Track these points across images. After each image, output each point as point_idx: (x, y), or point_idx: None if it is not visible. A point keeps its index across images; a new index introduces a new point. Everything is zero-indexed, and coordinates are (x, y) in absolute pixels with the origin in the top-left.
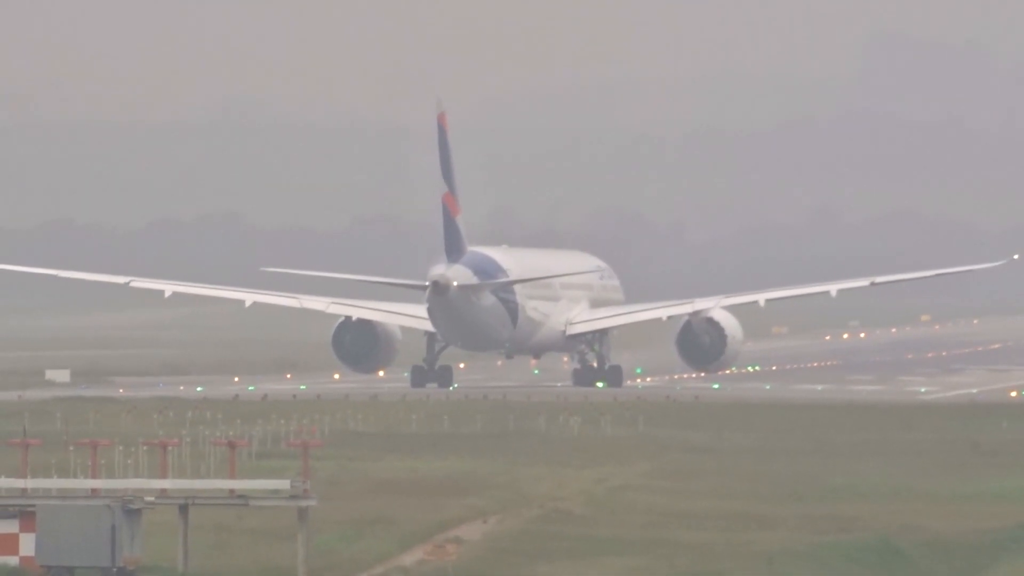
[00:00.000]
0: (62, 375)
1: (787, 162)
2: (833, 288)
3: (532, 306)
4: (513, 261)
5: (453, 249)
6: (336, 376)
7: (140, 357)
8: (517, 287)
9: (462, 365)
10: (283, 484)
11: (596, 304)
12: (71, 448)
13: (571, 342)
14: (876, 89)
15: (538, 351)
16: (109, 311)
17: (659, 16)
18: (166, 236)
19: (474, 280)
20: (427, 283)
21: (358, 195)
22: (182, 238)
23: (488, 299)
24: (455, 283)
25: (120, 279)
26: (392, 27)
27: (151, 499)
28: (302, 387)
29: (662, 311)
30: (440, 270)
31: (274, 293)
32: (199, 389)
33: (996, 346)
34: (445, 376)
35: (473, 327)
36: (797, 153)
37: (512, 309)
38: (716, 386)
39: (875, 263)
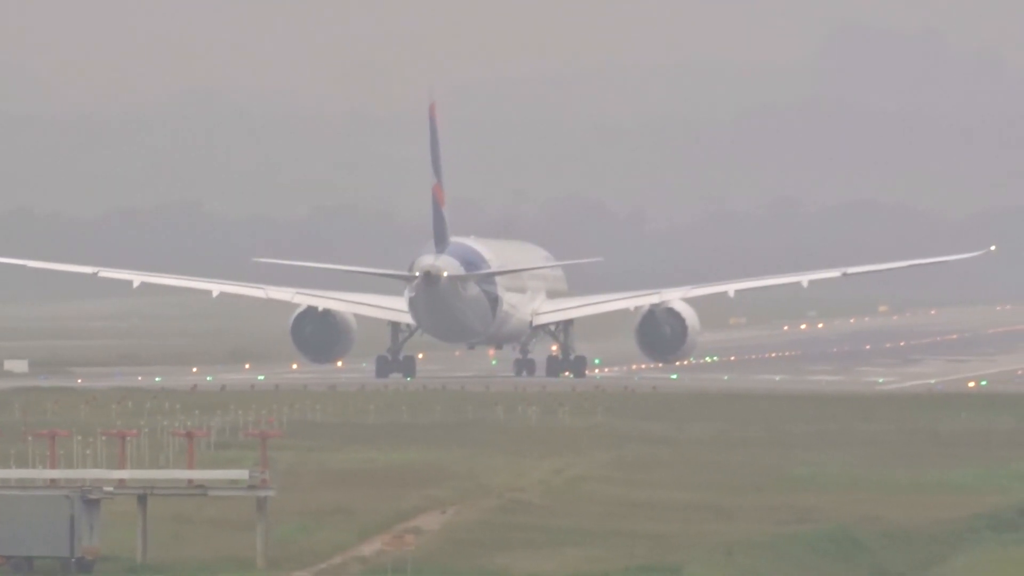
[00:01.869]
0: (20, 365)
1: (747, 151)
2: (805, 279)
3: (507, 297)
4: (492, 253)
5: (440, 239)
6: (294, 366)
7: (98, 348)
8: (497, 278)
9: (420, 355)
10: (242, 474)
11: (551, 295)
12: (29, 438)
13: (535, 332)
14: (836, 78)
15: (504, 342)
16: (67, 301)
17: (619, 5)
18: (126, 225)
19: (462, 271)
20: (415, 273)
21: (318, 184)
22: (142, 227)
23: (473, 290)
24: (445, 273)
25: (88, 269)
26: (350, 17)
27: (110, 489)
28: (260, 377)
29: (629, 301)
30: (430, 260)
31: (241, 284)
32: (157, 379)
33: (954, 337)
34: (409, 366)
35: (458, 318)
36: (757, 142)
37: (493, 300)
38: (674, 377)
39: (835, 252)
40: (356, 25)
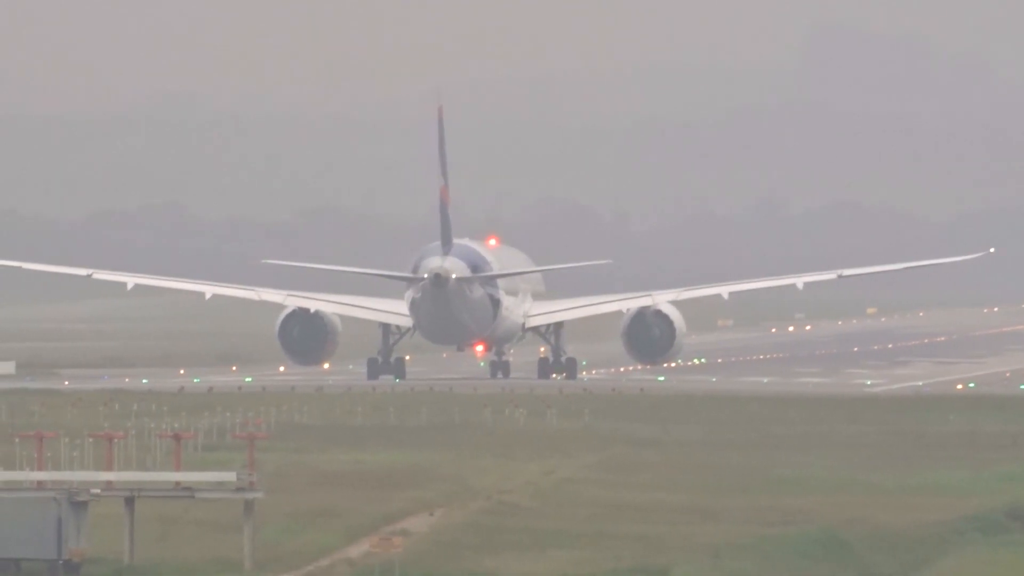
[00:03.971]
0: (7, 367)
1: (731, 153)
2: (800, 280)
3: (505, 300)
4: (492, 255)
5: (446, 241)
6: (281, 369)
7: (85, 349)
8: (498, 281)
9: (408, 357)
10: (229, 476)
11: (537, 297)
12: (16, 440)
13: (525, 334)
14: (820, 80)
15: (498, 344)
16: (53, 303)
17: (602, 7)
18: (109, 227)
19: (468, 273)
20: (423, 275)
21: (300, 186)
22: (126, 229)
23: (478, 292)
24: (454, 275)
25: (82, 271)
26: (333, 18)
27: (97, 491)
28: (247, 379)
29: (621, 303)
30: (438, 262)
31: (232, 286)
32: (144, 381)
33: (942, 339)
34: (399, 368)
35: (462, 320)
36: (741, 144)
37: (495, 302)
38: (661, 379)
39: (820, 254)
40: (339, 27)
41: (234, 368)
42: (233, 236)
